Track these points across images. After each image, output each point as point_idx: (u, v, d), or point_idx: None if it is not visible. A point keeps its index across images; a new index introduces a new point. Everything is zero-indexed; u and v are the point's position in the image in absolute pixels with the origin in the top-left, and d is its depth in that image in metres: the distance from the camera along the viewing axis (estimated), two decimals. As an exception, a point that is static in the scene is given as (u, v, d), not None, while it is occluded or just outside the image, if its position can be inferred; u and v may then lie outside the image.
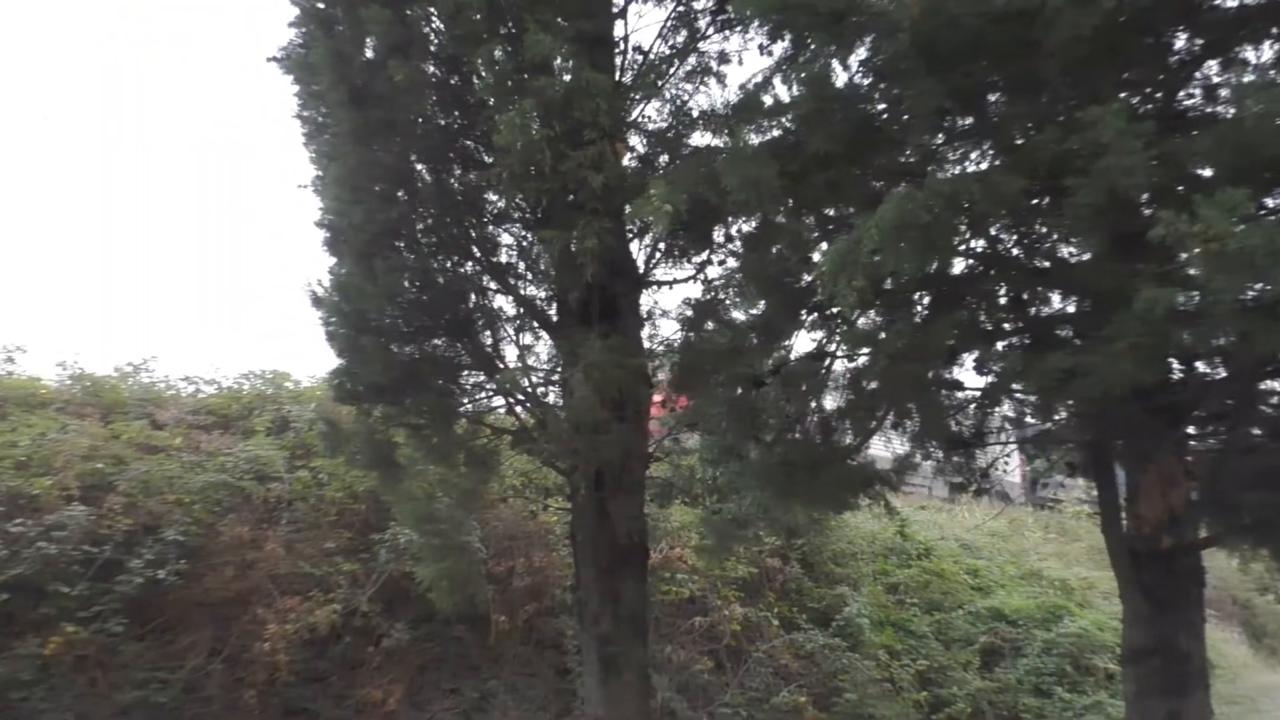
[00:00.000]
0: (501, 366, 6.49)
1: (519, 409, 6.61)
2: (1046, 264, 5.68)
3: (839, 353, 6.64)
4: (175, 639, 7.61)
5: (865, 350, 6.35)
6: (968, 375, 6.34)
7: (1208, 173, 4.44)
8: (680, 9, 6.66)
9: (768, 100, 5.94)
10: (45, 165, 29.32)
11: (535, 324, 6.55)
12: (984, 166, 5.31)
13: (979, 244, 5.66)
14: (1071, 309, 5.77)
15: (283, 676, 7.63)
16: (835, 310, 6.27)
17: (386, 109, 5.74)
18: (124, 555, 7.43)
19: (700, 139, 6.46)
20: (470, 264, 6.56)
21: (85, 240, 28.96)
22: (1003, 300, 5.94)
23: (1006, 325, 5.95)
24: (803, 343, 6.78)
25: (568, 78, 5.57)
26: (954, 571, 13.41)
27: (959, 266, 5.74)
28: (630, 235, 6.43)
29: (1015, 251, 5.77)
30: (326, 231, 6.20)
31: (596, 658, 6.55)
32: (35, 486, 7.43)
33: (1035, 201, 5.22)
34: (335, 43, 5.77)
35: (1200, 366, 5.68)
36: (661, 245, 6.53)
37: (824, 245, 6.10)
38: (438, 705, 8.60)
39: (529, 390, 6.17)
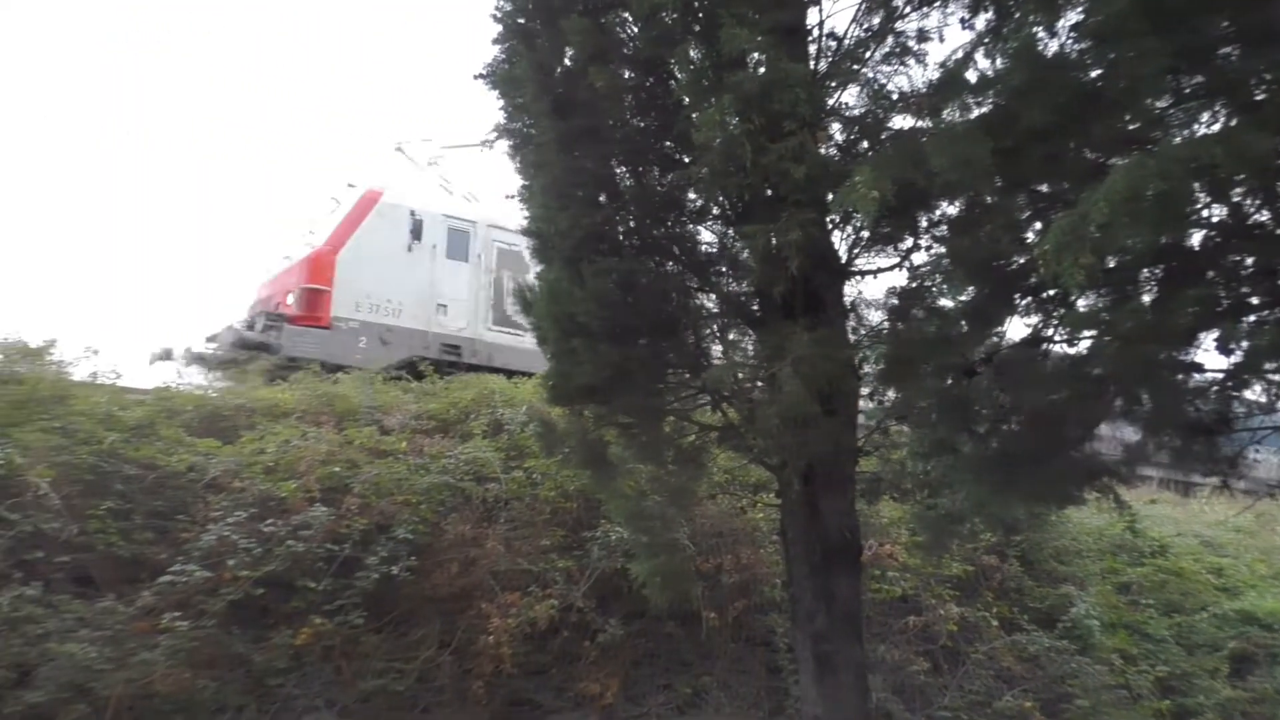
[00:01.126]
0: (707, 364, 6.53)
1: (725, 406, 6.63)
2: (1300, 229, 5.16)
3: (1058, 337, 6.28)
4: (408, 631, 8.10)
5: (1088, 333, 5.98)
6: (1208, 356, 5.85)
7: None
8: (875, -10, 6.49)
9: (971, 76, 5.70)
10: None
11: (739, 320, 6.55)
12: (1216, 128, 4.89)
13: (1220, 212, 5.21)
14: (1331, 278, 5.21)
15: (507, 668, 7.96)
16: (1053, 292, 5.96)
17: (588, 116, 5.89)
18: (361, 553, 7.97)
19: (901, 122, 6.27)
20: (672, 263, 6.64)
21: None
22: (1249, 272, 5.43)
23: (1254, 299, 5.44)
24: (1017, 329, 6.44)
25: (763, 70, 5.55)
26: (1194, 570, 12.40)
27: (1197, 237, 5.30)
28: (831, 226, 6.31)
29: (1263, 217, 5.27)
30: (534, 239, 6.44)
31: (811, 656, 6.46)
32: (283, 490, 8.10)
33: (1285, 161, 4.75)
34: (537, 55, 5.99)
35: None
36: (864, 234, 6.37)
37: (1037, 224, 5.83)
38: (652, 700, 8.76)
39: (735, 387, 6.17)
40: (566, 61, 6.11)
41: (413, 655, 7.92)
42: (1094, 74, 5.06)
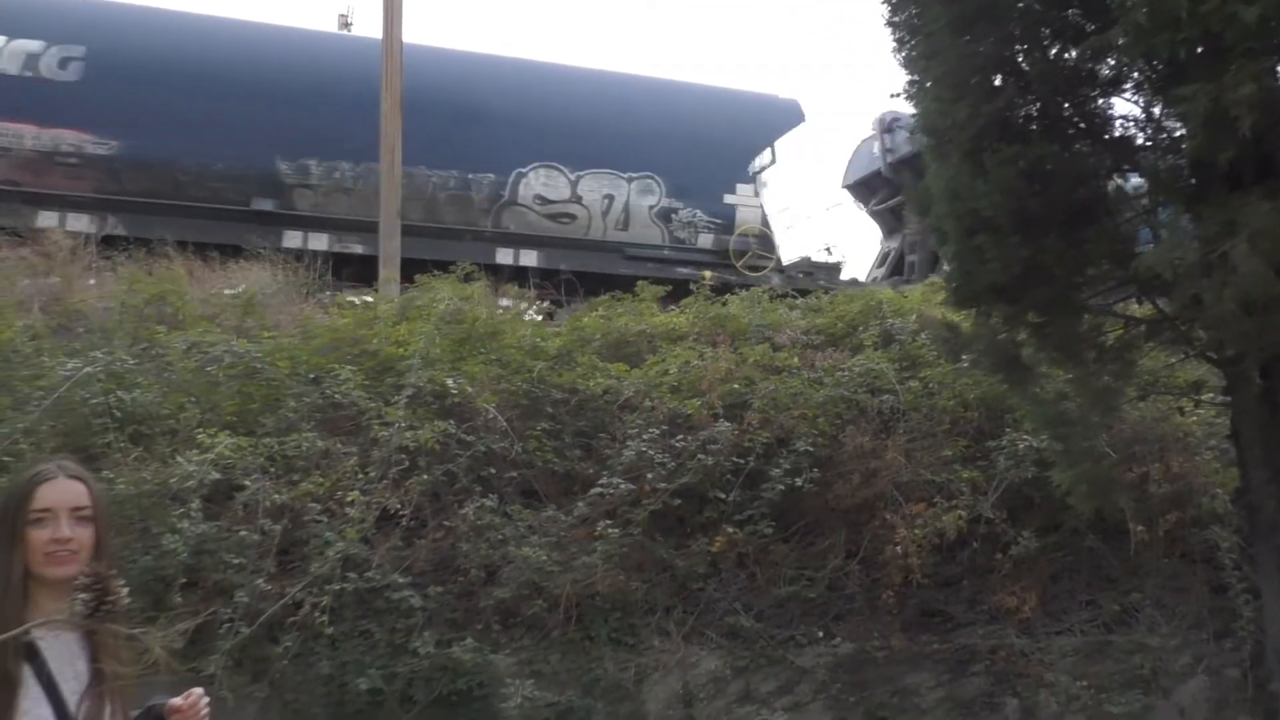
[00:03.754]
0: (1133, 251, 5.89)
1: (1155, 296, 5.97)
2: None
3: None
4: (814, 541, 8.25)
5: None
6: None
7: None
8: None
9: None
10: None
11: (1172, 198, 5.82)
12: None
13: None
14: None
15: (916, 579, 7.87)
16: None
17: (982, -8, 5.47)
18: (764, 465, 8.21)
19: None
20: (1083, 144, 6.03)
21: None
22: None
23: None
24: None
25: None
26: None
27: None
28: (1287, 77, 5.37)
29: None
30: (928, 136, 6.14)
31: (1278, 572, 5.74)
32: (688, 407, 8.52)
33: None
34: (922, -64, 5.63)
35: None
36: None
37: None
38: (1074, 616, 8.27)
39: (1174, 273, 5.51)
40: (955, -63, 5.68)
41: (821, 564, 8.07)
42: None
